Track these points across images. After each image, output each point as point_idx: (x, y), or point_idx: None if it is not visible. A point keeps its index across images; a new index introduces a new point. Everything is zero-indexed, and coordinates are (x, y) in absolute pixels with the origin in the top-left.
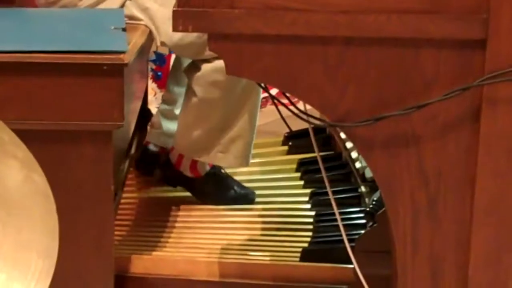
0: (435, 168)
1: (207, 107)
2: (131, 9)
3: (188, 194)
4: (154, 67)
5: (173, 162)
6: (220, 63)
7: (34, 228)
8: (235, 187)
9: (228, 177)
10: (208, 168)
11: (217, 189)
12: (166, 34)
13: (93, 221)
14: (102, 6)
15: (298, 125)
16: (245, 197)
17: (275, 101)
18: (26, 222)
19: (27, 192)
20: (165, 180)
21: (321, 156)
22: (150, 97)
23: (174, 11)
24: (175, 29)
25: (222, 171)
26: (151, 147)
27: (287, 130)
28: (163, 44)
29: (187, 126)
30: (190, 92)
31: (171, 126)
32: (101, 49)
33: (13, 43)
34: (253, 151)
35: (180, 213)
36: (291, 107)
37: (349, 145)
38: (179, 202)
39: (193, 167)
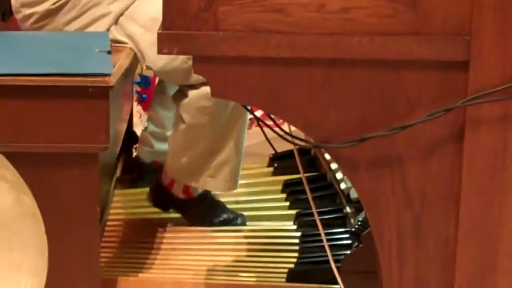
0: (419, 188)
1: (195, 133)
2: (116, 34)
3: (174, 215)
4: (139, 89)
5: (165, 185)
6: (206, 89)
7: (25, 248)
8: (226, 211)
9: (219, 201)
10: (200, 190)
11: (209, 211)
12: (151, 59)
13: (79, 242)
14: (90, 28)
15: (283, 146)
16: (236, 221)
17: (260, 123)
18: (17, 242)
19: (17, 214)
20: (157, 204)
21: (306, 177)
22: (135, 119)
23: (159, 34)
24: (160, 51)
25: (214, 193)
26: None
27: (273, 152)
28: (148, 68)
29: (177, 151)
30: (178, 118)
31: (163, 146)
32: (86, 71)
33: None
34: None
35: (167, 234)
36: (276, 129)
37: (334, 166)
38: (166, 223)
39: (185, 190)
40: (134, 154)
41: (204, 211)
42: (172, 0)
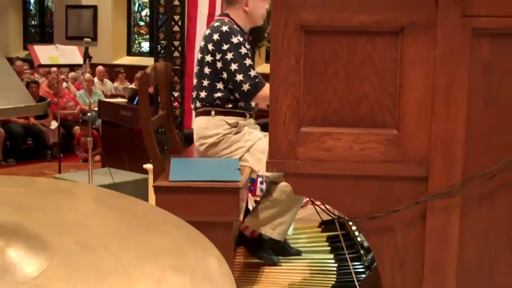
0: (401, 244)
1: (274, 202)
2: (247, 158)
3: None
4: (249, 184)
5: (241, 229)
6: None
7: None
8: (270, 252)
9: (268, 244)
10: (259, 233)
11: (259, 248)
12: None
13: None
14: (234, 152)
15: (326, 216)
16: (272, 260)
17: (313, 204)
18: None
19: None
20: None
21: (341, 234)
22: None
23: (267, 162)
24: (267, 170)
25: (265, 237)
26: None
27: (320, 219)
28: (263, 174)
29: (259, 210)
30: (268, 193)
31: None
32: (228, 179)
33: (180, 175)
34: (300, 231)
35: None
36: (324, 208)
37: (354, 228)
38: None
39: (252, 233)
40: None
41: (256, 247)
42: (273, 144)
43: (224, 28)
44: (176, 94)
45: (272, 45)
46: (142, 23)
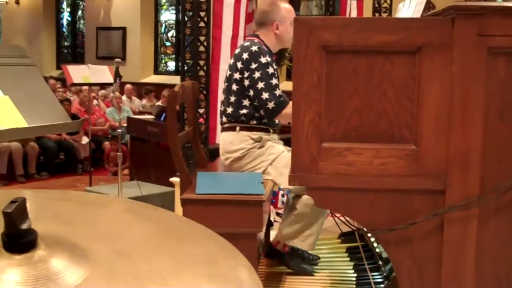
0: (419, 254)
1: (299, 217)
2: (270, 171)
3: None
4: (271, 197)
5: (273, 243)
6: None
7: None
8: (303, 263)
9: (300, 255)
10: (291, 246)
11: (293, 260)
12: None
13: None
14: (258, 166)
15: (345, 228)
16: (306, 270)
17: (333, 215)
18: None
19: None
20: (267, 255)
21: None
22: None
23: (289, 176)
24: (289, 184)
25: (299, 251)
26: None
27: (339, 231)
28: (285, 187)
29: (286, 225)
30: (292, 207)
31: None
32: (252, 192)
33: (206, 189)
34: (320, 242)
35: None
36: (344, 220)
37: (372, 239)
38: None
39: (284, 246)
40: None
41: (290, 259)
42: (295, 158)
43: (254, 48)
44: (201, 111)
45: (294, 63)
46: (168, 44)
